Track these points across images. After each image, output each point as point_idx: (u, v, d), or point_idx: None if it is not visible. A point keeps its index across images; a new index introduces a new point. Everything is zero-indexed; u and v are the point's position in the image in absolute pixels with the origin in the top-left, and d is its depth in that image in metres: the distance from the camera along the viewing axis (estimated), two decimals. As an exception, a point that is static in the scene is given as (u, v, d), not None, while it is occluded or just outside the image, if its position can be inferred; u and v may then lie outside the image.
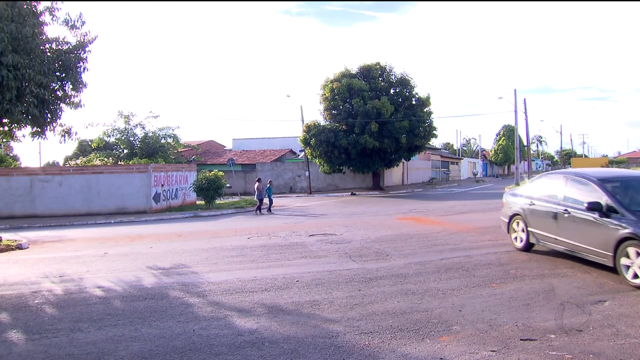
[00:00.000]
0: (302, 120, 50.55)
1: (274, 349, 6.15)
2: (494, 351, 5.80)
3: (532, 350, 5.78)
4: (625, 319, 6.78)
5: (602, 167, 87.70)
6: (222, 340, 6.51)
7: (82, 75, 16.57)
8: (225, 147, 72.45)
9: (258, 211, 29.28)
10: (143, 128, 44.18)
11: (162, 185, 32.22)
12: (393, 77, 49.29)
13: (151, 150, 43.20)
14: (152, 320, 7.58)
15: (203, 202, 33.76)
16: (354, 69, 49.03)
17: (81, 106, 16.98)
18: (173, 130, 45.13)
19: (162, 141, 44.70)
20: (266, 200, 30.09)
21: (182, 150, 53.00)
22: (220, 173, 33.77)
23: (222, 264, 12.22)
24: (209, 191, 32.74)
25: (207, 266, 12.01)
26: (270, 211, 29.39)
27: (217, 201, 34.21)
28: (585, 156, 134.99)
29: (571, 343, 5.96)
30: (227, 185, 37.58)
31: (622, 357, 5.50)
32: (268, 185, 30.61)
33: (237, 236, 17.61)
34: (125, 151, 44.37)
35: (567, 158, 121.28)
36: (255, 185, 30.59)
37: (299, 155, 60.01)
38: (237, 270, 11.28)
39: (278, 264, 11.90)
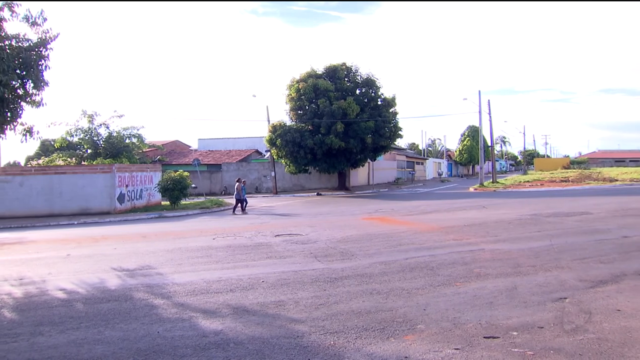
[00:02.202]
0: (268, 121, 50.49)
1: (239, 349, 6.12)
2: (457, 349, 5.85)
3: (495, 348, 5.85)
4: (584, 315, 6.91)
5: (563, 167, 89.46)
6: (186, 342, 6.46)
7: (44, 73, 16.30)
8: (190, 147, 71.95)
9: (234, 211, 29.27)
10: (107, 128, 43.66)
11: (127, 186, 31.89)
12: (359, 77, 49.50)
13: (115, 151, 42.69)
14: (115, 322, 7.48)
15: (168, 202, 33.52)
16: (320, 69, 49.12)
17: (43, 105, 16.70)
18: (138, 130, 44.69)
19: (127, 141, 44.22)
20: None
21: (147, 150, 52.47)
22: (186, 173, 33.55)
23: (187, 265, 12.13)
24: (174, 191, 32.49)
25: (172, 267, 11.91)
26: (244, 211, 29.35)
27: (183, 202, 33.96)
28: (548, 156, 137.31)
29: (533, 340, 6.05)
30: (193, 185, 37.34)
31: (581, 352, 5.61)
32: (242, 186, 30.49)
33: (203, 237, 17.51)
34: (89, 151, 43.72)
35: (530, 158, 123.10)
36: (235, 185, 30.48)
37: (264, 156, 59.91)
38: (203, 271, 11.21)
39: (243, 265, 11.85)
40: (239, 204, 29.64)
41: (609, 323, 6.56)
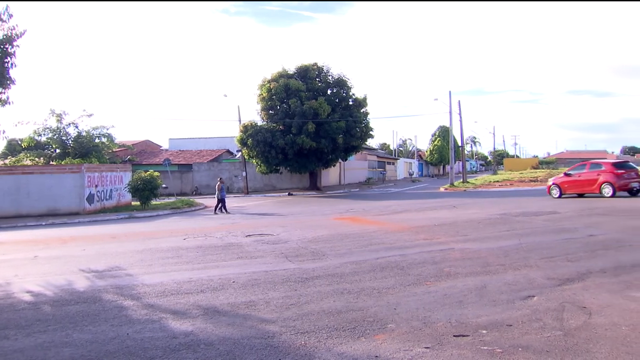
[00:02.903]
0: (240, 120, 50.37)
1: (209, 350, 6.08)
2: (428, 348, 5.89)
3: (464, 346, 5.89)
4: (552, 312, 7.00)
5: (532, 167, 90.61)
6: (156, 343, 6.40)
7: (10, 71, 16.02)
8: (161, 147, 71.39)
9: (217, 210, 29.26)
10: (76, 127, 43.07)
11: (96, 186, 31.55)
12: (330, 77, 49.64)
13: (85, 150, 42.10)
14: (84, 324, 7.38)
15: (138, 202, 33.29)
16: (291, 69, 49.18)
17: (9, 103, 16.43)
18: (107, 129, 44.15)
19: (96, 141, 43.67)
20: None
21: (117, 150, 51.91)
22: (156, 173, 33.36)
23: (157, 266, 12.03)
24: (145, 192, 32.30)
25: (142, 268, 11.80)
26: (220, 211, 29.29)
27: (153, 202, 33.80)
28: (517, 157, 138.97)
29: (501, 337, 6.11)
30: (163, 185, 37.07)
31: (548, 349, 5.68)
32: (222, 185, 30.38)
33: (173, 237, 17.39)
34: (58, 151, 43.10)
35: (500, 158, 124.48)
36: (217, 185, 30.41)
37: (236, 156, 59.72)
38: (173, 272, 11.13)
39: (214, 265, 11.80)
40: (221, 203, 29.60)
41: (575, 320, 6.65)
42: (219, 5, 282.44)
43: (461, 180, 54.77)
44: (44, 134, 42.71)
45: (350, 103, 49.37)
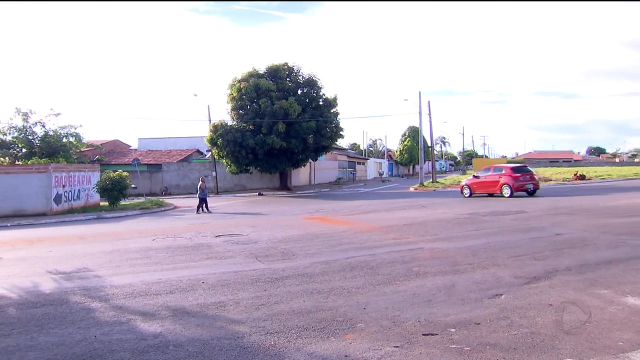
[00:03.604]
0: (210, 120, 50.18)
1: (178, 352, 6.04)
2: (397, 347, 5.92)
3: (433, 345, 5.94)
4: (519, 310, 7.09)
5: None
6: (125, 345, 6.33)
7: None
8: (130, 146, 70.64)
9: (200, 210, 29.13)
10: (43, 126, 42.49)
11: (64, 186, 31.10)
12: (301, 77, 49.67)
13: (52, 150, 41.53)
14: (50, 327, 7.26)
15: (107, 203, 32.92)
16: (261, 69, 49.10)
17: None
18: (75, 128, 43.63)
19: (64, 140, 43.13)
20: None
21: (85, 149, 51.29)
22: (125, 173, 33.04)
23: (125, 267, 11.91)
24: (113, 192, 31.99)
25: (110, 269, 11.66)
26: (202, 210, 29.17)
27: (122, 202, 33.51)
28: (486, 156, 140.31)
29: (470, 336, 6.17)
30: (132, 186, 36.76)
31: (515, 346, 5.75)
32: (204, 185, 30.27)
33: (142, 238, 17.24)
34: (24, 150, 42.44)
35: (469, 158, 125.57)
36: (199, 185, 30.30)
37: (205, 156, 59.43)
38: (142, 273, 11.03)
39: (183, 266, 11.72)
40: (203, 203, 29.49)
41: (542, 317, 6.75)
42: (188, 5, 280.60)
43: (431, 180, 55.16)
44: (10, 133, 42.12)
45: (321, 103, 49.45)
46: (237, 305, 8.00)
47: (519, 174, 29.99)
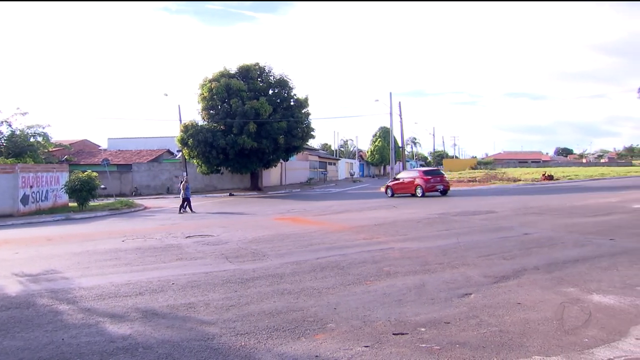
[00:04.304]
0: (180, 120, 49.89)
1: (148, 354, 5.99)
2: (367, 346, 5.93)
3: (403, 344, 5.97)
4: (488, 309, 7.17)
5: (471, 167, 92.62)
6: (93, 348, 6.25)
7: None
8: (100, 146, 69.79)
9: (184, 209, 29.16)
10: (9, 125, 41.84)
11: (31, 187, 30.65)
12: (272, 78, 49.61)
13: (19, 150, 40.88)
14: (16, 331, 7.13)
15: (76, 204, 32.51)
16: (233, 69, 48.96)
17: None
18: (43, 128, 43.05)
19: (31, 140, 42.53)
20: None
21: (54, 149, 50.62)
22: (94, 174, 32.68)
23: (94, 268, 11.77)
24: (82, 192, 31.60)
25: (78, 271, 11.50)
26: (187, 209, 29.27)
27: (91, 203, 33.09)
28: (456, 157, 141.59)
29: (439, 335, 6.21)
30: (102, 186, 36.31)
31: (484, 345, 5.81)
32: (187, 185, 30.43)
33: (112, 239, 17.07)
34: (-11, 150, 41.74)
35: (439, 159, 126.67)
36: (182, 184, 30.34)
37: (176, 156, 59.03)
38: (111, 274, 10.91)
39: (153, 267, 11.62)
40: (186, 203, 29.51)
41: (510, 316, 6.83)
42: (160, 4, 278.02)
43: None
44: (-26, 133, 41.36)
45: (292, 103, 49.44)
46: (208, 307, 7.95)
47: (429, 177, 33.58)
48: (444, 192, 33.57)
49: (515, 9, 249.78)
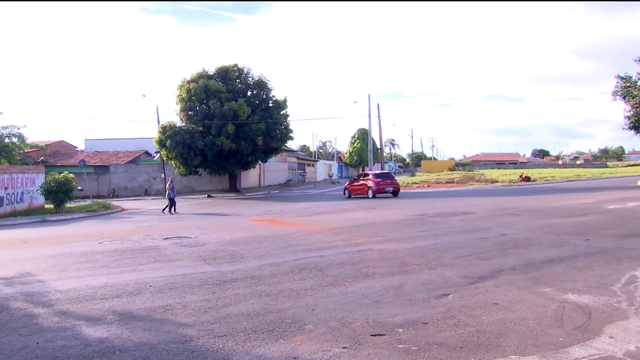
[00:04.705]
0: (158, 121, 49.60)
1: (125, 357, 5.92)
2: (345, 348, 5.93)
3: (381, 345, 5.97)
4: (465, 309, 7.21)
5: (449, 169, 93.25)
6: (69, 352, 6.17)
7: None
8: (76, 147, 69.13)
9: (167, 210, 29.24)
10: (-17, 126, 41.29)
11: (6, 188, 30.27)
12: (250, 79, 49.57)
13: (-7, 151, 40.42)
14: (-11, 335, 7.03)
15: (52, 206, 32.14)
16: (211, 70, 48.82)
17: None
18: (19, 129, 42.72)
19: (6, 141, 42.10)
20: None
21: (29, 151, 50.10)
22: (71, 175, 32.34)
23: (71, 271, 11.63)
24: (59, 194, 31.23)
25: (54, 274, 11.36)
26: (175, 211, 29.30)
27: (68, 205, 32.77)
28: (435, 159, 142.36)
29: (417, 335, 6.23)
30: (79, 188, 36.01)
31: (462, 345, 5.84)
32: (172, 185, 30.54)
33: (88, 241, 16.90)
34: (-38, 151, 41.19)
35: (417, 160, 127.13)
36: (167, 185, 30.39)
37: (154, 157, 58.67)
38: (87, 277, 10.78)
39: (130, 269, 11.52)
40: (171, 204, 29.53)
41: (487, 316, 6.87)
42: (137, 4, 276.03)
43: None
44: (-53, 134, 40.80)
45: (271, 105, 49.41)
46: (185, 309, 7.90)
47: (380, 180, 35.69)
48: (395, 194, 35.69)
49: (492, 13, 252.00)
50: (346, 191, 38.54)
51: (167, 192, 30.18)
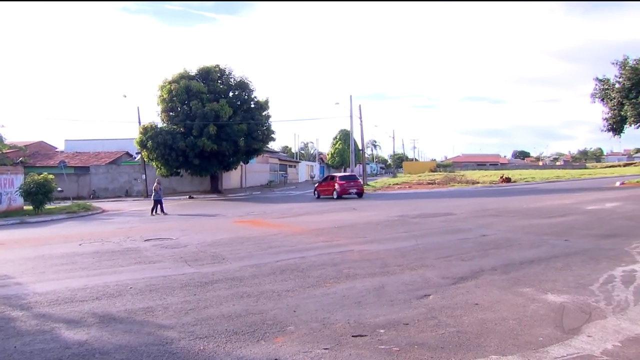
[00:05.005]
0: (139, 122, 49.29)
1: (105, 359, 5.89)
2: (327, 349, 5.93)
3: (362, 346, 5.99)
4: (446, 310, 7.25)
5: (431, 170, 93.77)
6: (47, 355, 6.09)
7: None
8: (56, 148, 68.51)
9: (154, 212, 29.12)
10: (-40, 126, 40.77)
11: (-16, 190, 29.85)
12: (232, 80, 49.42)
13: (-30, 151, 39.93)
14: (-35, 339, 6.91)
15: (31, 207, 31.73)
16: (193, 70, 48.63)
17: None
18: (-4, 129, 42.09)
19: (-16, 141, 41.55)
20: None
21: (8, 151, 49.56)
22: (51, 176, 32.00)
23: (50, 273, 11.51)
24: (38, 195, 30.88)
25: (33, 276, 11.23)
26: (162, 211, 29.20)
27: (47, 206, 32.37)
28: (416, 160, 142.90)
29: (398, 336, 6.25)
30: (58, 189, 35.66)
31: (442, 345, 5.87)
32: (159, 186, 30.38)
33: (68, 243, 16.75)
34: (-61, 151, 40.65)
35: (399, 162, 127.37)
36: (154, 186, 30.23)
37: (135, 158, 58.30)
38: (67, 279, 10.67)
39: (111, 271, 11.42)
40: (158, 205, 29.39)
41: (468, 316, 6.92)
42: (119, 4, 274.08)
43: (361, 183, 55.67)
44: None
45: (252, 106, 49.29)
46: (166, 311, 7.86)
47: (344, 182, 37.67)
48: (360, 195, 37.70)
49: (474, 15, 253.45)
50: (316, 192, 40.51)
51: (153, 193, 30.06)
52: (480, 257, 11.20)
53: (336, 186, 37.11)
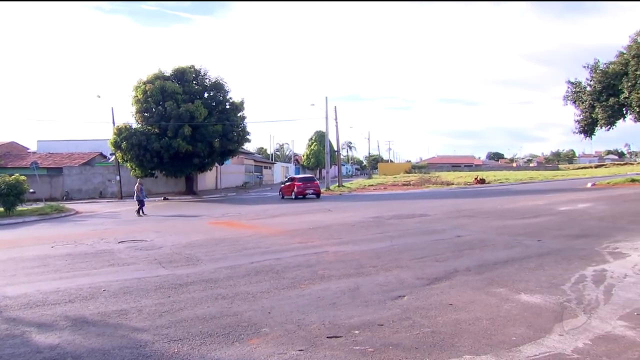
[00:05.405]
0: (114, 123, 48.83)
1: (77, 363, 5.83)
2: (301, 350, 5.93)
3: (337, 347, 5.99)
4: (421, 310, 7.28)
5: (406, 171, 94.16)
6: (17, 360, 6.03)
7: None
8: (28, 149, 67.57)
9: (139, 212, 29.22)
10: None
11: (-48, 192, 29.33)
12: (208, 80, 49.23)
13: (-61, 153, 39.23)
14: None
15: (2, 209, 31.27)
16: (168, 71, 48.35)
17: None
18: (-34, 130, 41.40)
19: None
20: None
21: (-22, 153, 48.72)
22: (23, 177, 31.58)
23: (21, 276, 11.35)
24: (9, 197, 30.45)
25: (3, 279, 11.06)
26: (143, 213, 29.34)
27: (19, 208, 31.96)
28: (391, 161, 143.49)
29: (373, 337, 6.27)
30: (31, 190, 35.20)
31: (417, 346, 5.90)
32: (141, 187, 30.53)
33: (40, 245, 16.56)
34: None
35: (374, 163, 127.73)
36: (136, 187, 30.45)
37: (109, 159, 57.76)
38: (39, 282, 10.54)
39: (84, 273, 11.30)
40: (141, 205, 29.56)
41: (442, 317, 6.96)
42: (93, 3, 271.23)
43: (337, 184, 55.79)
44: None
45: (228, 107, 49.14)
46: (140, 313, 7.80)
47: (301, 183, 40.06)
48: (317, 195, 40.24)
49: (449, 17, 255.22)
50: (280, 192, 43.03)
51: (135, 194, 30.14)
52: (454, 258, 11.27)
53: (295, 187, 39.62)
